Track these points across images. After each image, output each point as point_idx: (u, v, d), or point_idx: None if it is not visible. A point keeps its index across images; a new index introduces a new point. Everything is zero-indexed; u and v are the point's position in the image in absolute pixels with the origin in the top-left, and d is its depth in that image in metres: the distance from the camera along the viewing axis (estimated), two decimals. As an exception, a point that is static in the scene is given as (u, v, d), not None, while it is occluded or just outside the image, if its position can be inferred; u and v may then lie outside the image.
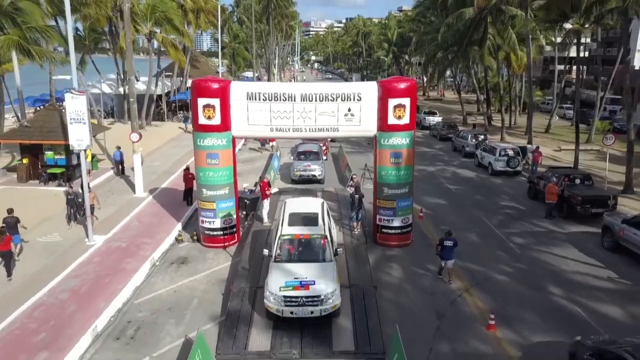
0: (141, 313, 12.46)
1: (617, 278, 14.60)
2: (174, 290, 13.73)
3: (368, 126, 16.05)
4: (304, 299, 11.11)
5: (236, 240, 16.84)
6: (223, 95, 15.42)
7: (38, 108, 41.60)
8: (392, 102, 15.55)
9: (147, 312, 12.52)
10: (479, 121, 45.28)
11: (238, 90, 15.67)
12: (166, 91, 47.74)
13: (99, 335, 11.45)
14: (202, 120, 15.51)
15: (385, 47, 77.77)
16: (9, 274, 13.82)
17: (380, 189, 16.52)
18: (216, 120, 15.51)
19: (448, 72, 57.23)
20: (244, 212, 18.25)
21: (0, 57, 23.09)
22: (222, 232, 16.37)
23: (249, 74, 70.40)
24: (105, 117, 43.75)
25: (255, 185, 19.82)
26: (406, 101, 15.62)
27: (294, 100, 15.70)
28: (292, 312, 11.19)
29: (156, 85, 42.28)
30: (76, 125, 16.12)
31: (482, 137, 31.67)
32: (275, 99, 15.72)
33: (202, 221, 16.54)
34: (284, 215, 13.63)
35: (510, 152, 26.46)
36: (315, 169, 24.03)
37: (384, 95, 15.62)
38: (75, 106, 15.88)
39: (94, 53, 45.84)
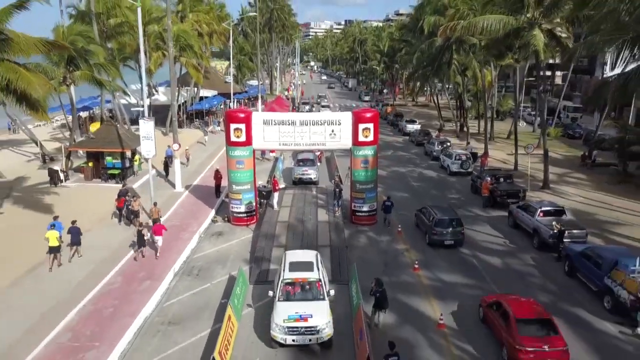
0: (199, 262, 19.92)
1: (508, 244, 22.06)
2: (217, 250, 21.20)
3: (346, 142, 23.48)
4: (303, 329, 13.56)
5: (255, 220, 24.28)
6: (247, 121, 22.85)
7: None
8: (361, 126, 23.00)
9: (202, 262, 19.99)
10: (451, 128, 52.74)
11: (257, 118, 23.14)
12: (182, 101, 55.12)
13: (177, 273, 18.91)
14: (233, 138, 22.93)
15: (377, 58, 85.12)
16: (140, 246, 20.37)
17: (354, 185, 23.99)
18: (242, 138, 22.92)
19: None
20: (262, 201, 25.62)
21: (75, 85, 30.14)
22: (245, 214, 23.85)
23: (254, 82, 77.64)
24: (131, 124, 51.12)
25: (268, 182, 27.24)
26: (371, 125, 23.08)
27: (295, 125, 23.13)
28: (293, 340, 13.57)
29: (178, 98, 49.52)
30: (146, 141, 23.56)
31: (447, 144, 39.03)
32: (282, 123, 23.16)
33: (232, 207, 24.00)
34: (285, 264, 15.83)
35: (464, 157, 33.86)
36: (312, 173, 30.79)
37: (356, 121, 23.07)
38: (146, 128, 23.33)
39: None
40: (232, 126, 22.78)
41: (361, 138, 23.11)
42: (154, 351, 14.04)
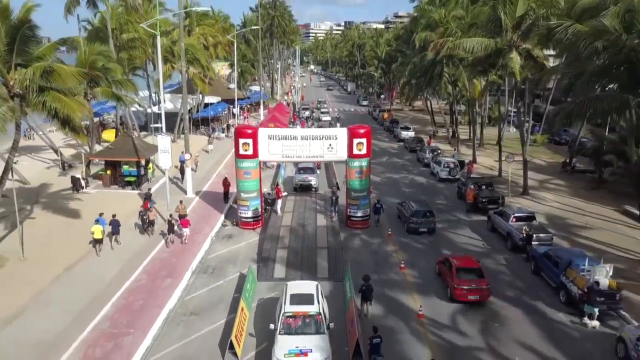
0: (213, 262, 22.76)
1: (485, 245, 24.92)
2: (228, 251, 24.04)
3: (342, 154, 26.31)
4: None
5: (261, 224, 27.10)
6: (254, 137, 25.67)
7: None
8: (356, 141, 25.83)
9: (216, 261, 22.84)
10: (444, 134, 55.57)
11: (263, 133, 25.97)
12: (189, 108, 57.89)
13: (195, 272, 21.75)
14: (241, 151, 25.75)
15: (374, 64, 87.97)
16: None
17: (349, 193, 26.83)
18: (250, 151, 25.73)
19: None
20: (267, 207, 28.41)
21: (96, 100, 32.95)
22: (252, 219, 26.67)
23: (256, 87, 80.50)
24: (140, 130, 53.98)
25: (272, 189, 30.08)
26: (364, 140, 25.91)
27: (297, 139, 25.96)
28: None
29: (185, 107, 52.33)
30: (163, 154, 26.42)
31: (437, 151, 41.86)
32: (285, 138, 25.99)
33: (240, 212, 26.83)
34: (286, 297, 16.14)
35: (451, 165, 36.69)
36: (312, 180, 33.41)
37: (350, 136, 25.90)
38: (163, 143, 26.19)
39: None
40: (241, 141, 25.61)
41: (355, 151, 25.95)
42: (180, 337, 16.87)
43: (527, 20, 28.53)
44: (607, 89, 20.00)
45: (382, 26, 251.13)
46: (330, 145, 26.05)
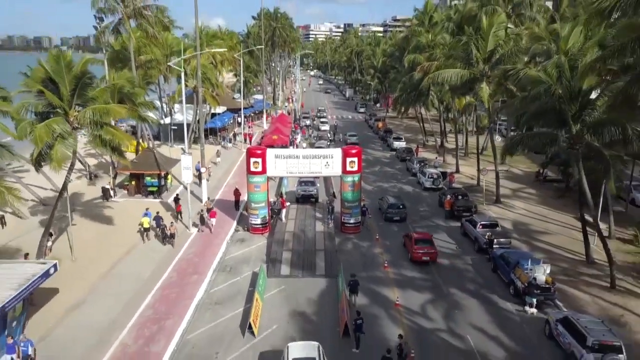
0: (230, 262, 27.54)
1: (457, 248, 29.69)
2: (242, 253, 28.82)
3: (337, 171, 31.09)
4: None
5: (268, 230, 31.87)
6: (263, 156, 30.44)
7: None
8: (348, 159, 30.63)
9: (233, 261, 27.62)
10: (434, 143, 60.37)
11: (270, 153, 30.76)
12: (198, 118, 62.65)
13: (215, 270, 26.52)
14: (252, 168, 30.51)
15: (371, 73, 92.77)
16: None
17: (343, 203, 31.63)
18: (259, 168, 30.50)
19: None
20: (273, 215, 33.16)
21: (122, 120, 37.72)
22: (261, 225, 31.44)
23: (259, 96, 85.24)
24: (152, 140, 58.73)
25: (277, 199, 34.85)
26: (355, 159, 30.72)
27: (299, 158, 30.75)
28: None
29: (196, 119, 57.16)
30: (185, 170, 31.19)
31: (424, 162, 46.60)
32: (289, 157, 30.79)
33: (250, 220, 31.59)
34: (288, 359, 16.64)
35: (435, 175, 41.45)
36: (313, 190, 38.01)
37: (344, 155, 30.68)
38: (186, 161, 30.97)
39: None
40: (252, 160, 30.39)
41: (348, 168, 30.75)
42: (208, 321, 21.62)
43: (496, 54, 33.30)
44: (542, 127, 24.74)
45: (381, 29, 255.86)
46: (327, 162, 30.83)
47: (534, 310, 22.19)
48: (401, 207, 34.04)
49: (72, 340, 19.60)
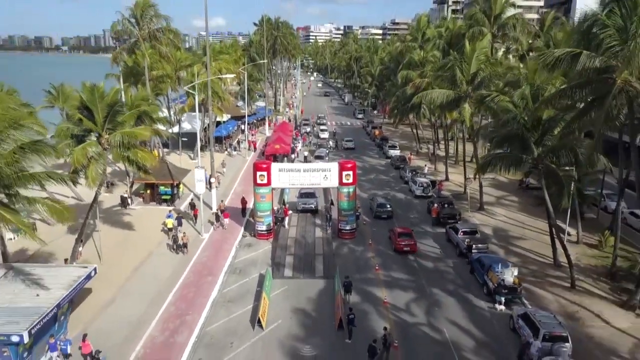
0: (239, 265, 31.15)
1: (441, 252, 33.30)
2: (249, 257, 32.44)
3: (334, 182, 34.73)
4: None
5: (272, 235, 35.47)
6: (268, 170, 34.06)
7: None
8: (344, 172, 34.25)
9: (241, 264, 31.23)
10: (427, 150, 63.96)
11: (275, 167, 34.42)
12: (204, 126, 66.28)
13: (226, 272, 30.13)
14: (258, 180, 34.13)
15: (368, 80, 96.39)
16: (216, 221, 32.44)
17: (339, 211, 35.26)
18: (265, 180, 34.10)
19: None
20: (277, 223, 36.77)
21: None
22: (266, 232, 35.06)
23: (262, 103, 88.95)
24: (162, 148, 62.37)
25: (280, 208, 38.47)
26: (350, 172, 34.35)
27: (300, 172, 34.39)
28: None
29: (203, 128, 60.84)
30: (199, 182, 34.82)
31: (416, 171, 50.16)
32: (292, 170, 34.43)
33: (256, 226, 35.22)
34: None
35: (425, 184, 45.03)
36: (313, 203, 41.40)
37: (340, 169, 34.31)
38: (199, 174, 34.60)
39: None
40: (258, 173, 34.03)
41: (344, 180, 34.37)
42: (223, 316, 25.22)
43: (478, 76, 36.92)
44: (510, 150, 28.39)
45: (380, 32, 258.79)
46: (325, 175, 34.46)
47: (502, 307, 25.80)
48: (388, 207, 39.66)
49: (108, 333, 23.17)
